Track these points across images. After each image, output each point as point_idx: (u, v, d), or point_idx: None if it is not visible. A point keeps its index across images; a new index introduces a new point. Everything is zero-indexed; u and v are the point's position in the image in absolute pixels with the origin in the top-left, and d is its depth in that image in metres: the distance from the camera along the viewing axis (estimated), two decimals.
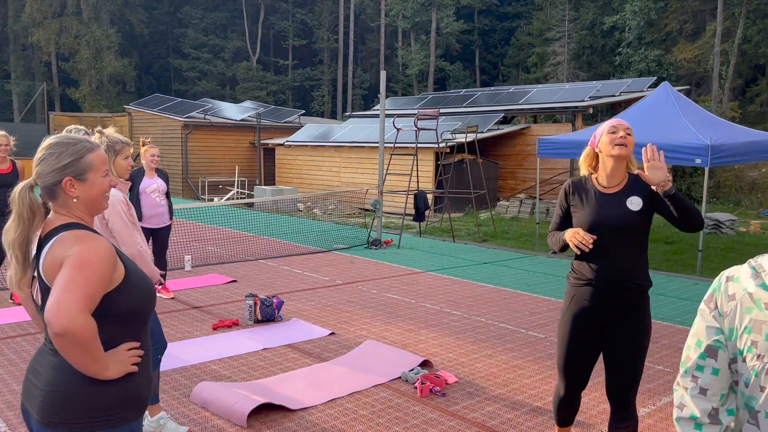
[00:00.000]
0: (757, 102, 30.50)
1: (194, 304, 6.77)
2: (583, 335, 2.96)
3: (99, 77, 39.84)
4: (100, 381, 1.82)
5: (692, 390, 1.42)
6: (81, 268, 1.75)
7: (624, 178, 2.95)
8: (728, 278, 1.42)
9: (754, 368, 1.34)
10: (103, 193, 1.95)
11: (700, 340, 1.42)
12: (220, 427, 3.86)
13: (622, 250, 2.84)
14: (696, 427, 1.40)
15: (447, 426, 3.93)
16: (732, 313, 1.38)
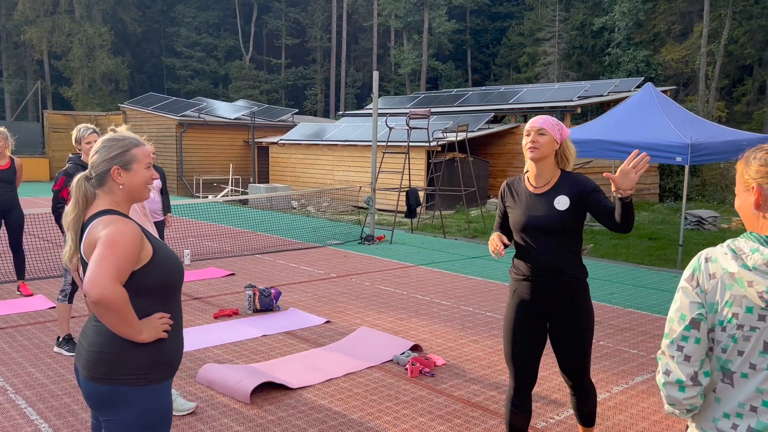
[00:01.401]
0: (743, 102, 31.01)
1: (195, 295, 7.07)
2: (526, 327, 3.04)
3: (92, 76, 39.92)
4: (135, 344, 2.13)
5: (678, 357, 1.67)
6: (110, 246, 2.06)
7: (553, 177, 3.01)
8: (707, 259, 1.68)
9: (734, 336, 1.61)
10: (144, 183, 2.26)
11: (683, 314, 1.67)
12: (225, 403, 4.17)
13: (552, 248, 2.94)
14: (680, 389, 1.67)
15: (435, 402, 4.26)
16: (713, 289, 1.64)
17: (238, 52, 48.39)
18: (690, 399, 1.67)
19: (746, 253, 1.59)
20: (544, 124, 2.95)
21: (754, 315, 1.58)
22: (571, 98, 19.08)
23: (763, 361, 1.58)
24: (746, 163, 1.70)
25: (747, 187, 1.68)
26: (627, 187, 2.63)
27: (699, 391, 1.66)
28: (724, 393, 1.65)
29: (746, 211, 1.69)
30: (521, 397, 3.09)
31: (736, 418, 1.63)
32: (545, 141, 2.93)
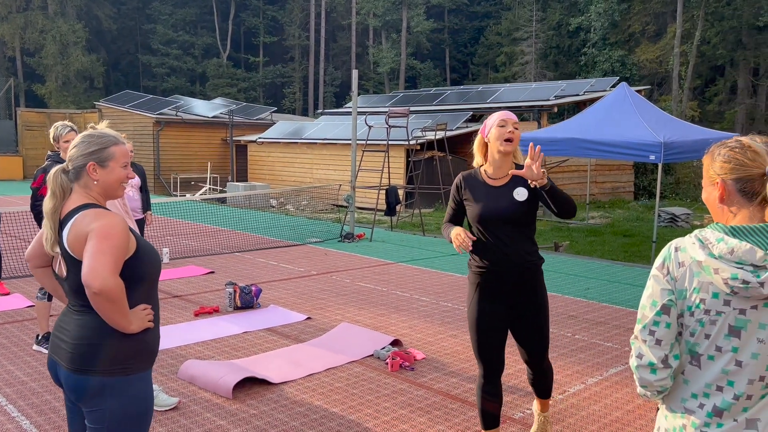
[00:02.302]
0: (715, 102, 31.64)
1: (175, 293, 7.06)
2: (491, 316, 3.13)
3: (66, 73, 39.34)
4: (119, 335, 2.17)
5: (650, 342, 1.76)
6: (105, 238, 2.10)
7: (511, 170, 3.11)
8: (677, 248, 1.77)
9: (701, 320, 1.70)
10: (119, 181, 2.30)
11: (655, 300, 1.76)
12: (207, 398, 4.20)
13: (513, 238, 3.06)
14: (652, 371, 1.76)
15: (415, 394, 4.34)
16: (682, 277, 1.73)
17: (216, 50, 48.03)
18: (661, 381, 1.76)
19: (712, 242, 1.68)
20: (515, 119, 3.09)
21: (719, 300, 1.67)
22: (547, 97, 19.32)
23: (728, 344, 1.67)
24: (711, 159, 1.78)
25: (712, 182, 1.77)
26: (536, 178, 2.84)
27: (669, 373, 1.75)
28: (692, 374, 1.75)
29: (712, 204, 1.78)
30: (491, 383, 3.19)
31: (702, 397, 1.72)
32: (518, 135, 3.08)
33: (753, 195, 1.70)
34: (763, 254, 1.61)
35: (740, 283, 1.61)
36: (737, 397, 1.67)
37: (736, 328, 1.66)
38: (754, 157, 1.73)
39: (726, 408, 1.69)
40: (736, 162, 1.72)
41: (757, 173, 1.70)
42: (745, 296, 1.63)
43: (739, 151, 1.75)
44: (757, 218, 1.71)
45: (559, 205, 2.95)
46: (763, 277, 1.59)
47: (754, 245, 1.63)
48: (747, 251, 1.62)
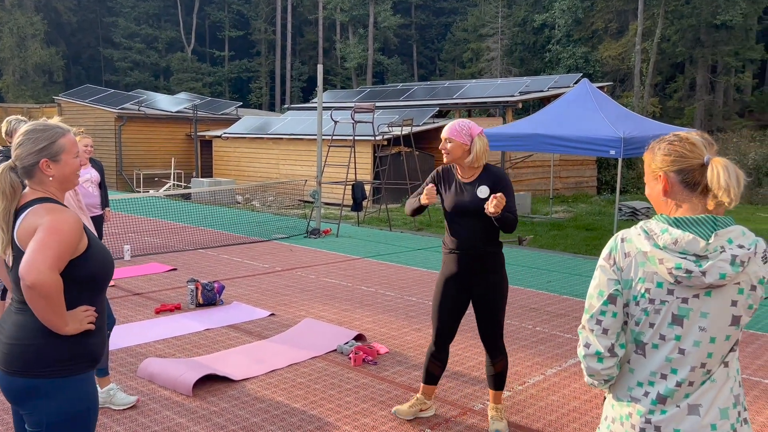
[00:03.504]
0: (675, 98, 32.38)
1: (135, 291, 6.95)
2: (451, 292, 3.61)
3: (23, 66, 38.28)
4: (57, 336, 2.11)
5: (597, 331, 1.80)
6: (52, 233, 2.05)
7: (477, 170, 3.54)
8: (623, 239, 1.82)
9: (646, 309, 1.75)
10: (74, 171, 2.25)
11: (602, 290, 1.80)
12: (167, 396, 4.15)
13: (474, 227, 3.48)
14: (599, 360, 1.80)
15: (377, 389, 4.36)
16: (628, 267, 1.77)
17: (180, 44, 47.25)
18: (607, 369, 1.80)
19: (657, 233, 1.73)
20: (451, 134, 3.45)
21: (663, 290, 1.72)
22: (512, 93, 19.53)
23: (671, 332, 1.72)
24: (652, 154, 1.83)
25: (655, 177, 1.82)
26: (491, 214, 3.26)
27: (615, 362, 1.80)
28: (637, 363, 1.80)
29: (656, 198, 1.83)
30: (440, 349, 3.71)
31: (648, 386, 1.77)
32: (452, 147, 3.46)
33: (694, 185, 1.75)
34: (704, 244, 1.66)
35: (683, 273, 1.66)
36: (679, 383, 1.72)
37: (679, 317, 1.71)
38: (692, 149, 1.78)
39: (669, 395, 1.74)
40: (676, 154, 1.77)
41: (696, 164, 1.75)
42: (687, 285, 1.68)
43: (678, 143, 1.80)
44: (700, 209, 1.75)
45: (502, 226, 3.40)
46: (705, 266, 1.65)
47: (697, 236, 1.68)
48: (690, 241, 1.67)
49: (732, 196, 1.72)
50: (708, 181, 1.73)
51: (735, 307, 1.70)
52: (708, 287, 1.67)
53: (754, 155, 22.83)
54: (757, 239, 1.74)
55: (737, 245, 1.67)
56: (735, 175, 1.74)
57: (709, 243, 1.67)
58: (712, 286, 1.66)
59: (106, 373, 3.94)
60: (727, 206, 1.78)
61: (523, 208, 16.10)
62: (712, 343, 1.70)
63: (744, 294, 1.70)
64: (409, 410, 3.85)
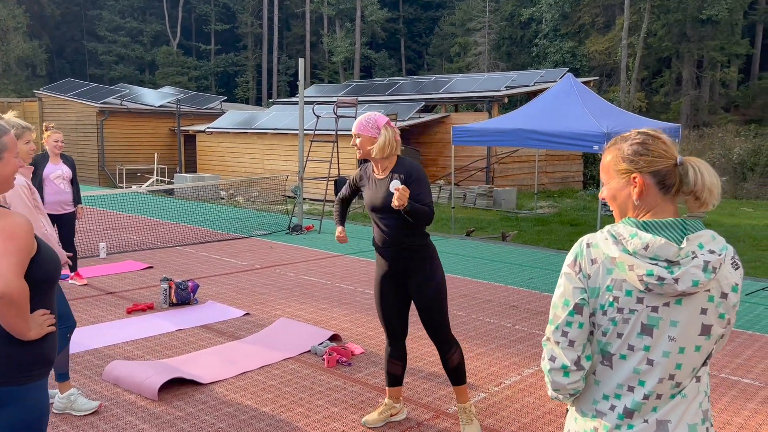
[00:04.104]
0: (661, 93, 32.46)
1: (108, 289, 6.80)
2: (387, 289, 3.58)
3: (5, 60, 37.71)
4: (18, 342, 2.04)
5: (563, 343, 1.68)
6: (10, 239, 1.95)
7: (390, 164, 3.46)
8: (588, 245, 1.69)
9: (614, 319, 1.63)
10: (14, 172, 2.14)
11: (567, 299, 1.68)
12: (131, 401, 4.02)
13: (392, 223, 3.43)
14: (565, 374, 1.68)
15: (349, 391, 4.25)
16: (595, 274, 1.65)
17: (165, 38, 46.77)
18: (574, 384, 1.69)
19: (626, 238, 1.62)
20: (359, 129, 3.41)
21: (633, 298, 1.61)
22: (498, 88, 19.44)
23: (640, 342, 1.62)
24: (620, 153, 1.69)
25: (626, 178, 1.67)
26: (398, 207, 3.20)
27: (582, 375, 1.69)
28: (603, 375, 1.69)
29: (624, 201, 1.69)
30: (395, 347, 3.66)
31: (614, 399, 1.67)
32: (362, 142, 3.42)
33: (669, 187, 1.64)
34: (677, 249, 1.56)
35: (656, 280, 1.56)
36: (647, 396, 1.63)
37: (648, 326, 1.61)
38: (666, 148, 1.66)
39: (636, 408, 1.64)
40: (654, 154, 1.65)
41: (671, 164, 1.65)
42: (658, 293, 1.58)
43: (652, 143, 1.67)
44: (669, 212, 1.66)
45: (415, 219, 3.31)
46: (678, 273, 1.55)
47: (668, 240, 1.59)
48: (662, 246, 1.56)
49: (716, 195, 1.64)
50: (690, 182, 1.63)
51: (705, 316, 1.60)
52: (679, 295, 1.58)
53: (738, 150, 22.93)
54: (727, 245, 1.64)
55: (708, 250, 1.58)
56: (715, 174, 1.65)
57: (681, 248, 1.57)
58: (684, 293, 1.57)
59: (66, 377, 3.81)
60: (708, 207, 1.68)
61: (509, 203, 16.05)
62: (681, 354, 1.61)
63: (714, 302, 1.60)
64: (379, 417, 3.75)
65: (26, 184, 3.63)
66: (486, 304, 6.49)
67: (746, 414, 3.99)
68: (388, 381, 3.74)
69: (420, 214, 3.29)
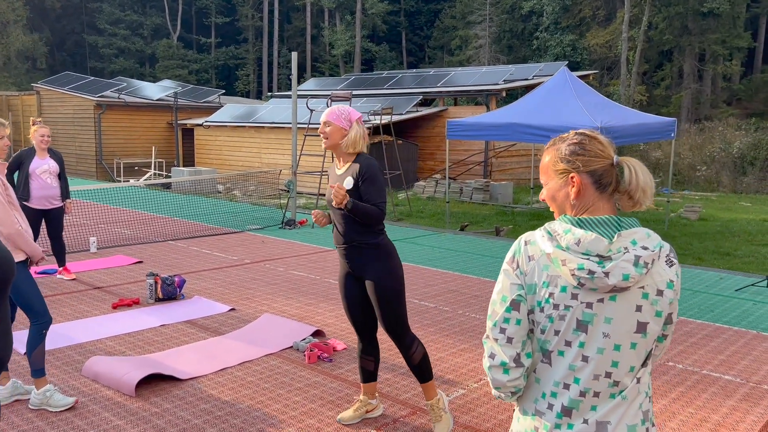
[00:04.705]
0: (662, 86, 32.32)
1: (96, 284, 6.80)
2: (350, 286, 3.59)
3: (5, 53, 37.68)
4: None
5: (501, 340, 1.68)
6: None
7: (350, 160, 3.44)
8: (526, 242, 1.70)
9: (551, 316, 1.64)
10: None
11: (505, 296, 1.69)
12: (109, 397, 4.03)
13: (344, 220, 3.42)
14: (504, 372, 1.68)
15: (329, 387, 4.25)
16: (531, 271, 1.66)
17: (166, 31, 46.66)
18: (514, 381, 1.69)
19: (560, 234, 1.63)
20: (330, 117, 3.37)
21: (567, 294, 1.62)
22: (497, 82, 19.37)
23: (575, 338, 1.62)
24: (558, 153, 1.71)
25: (564, 178, 1.69)
26: (337, 204, 3.23)
27: (522, 372, 1.69)
28: (543, 373, 1.69)
29: (562, 200, 1.71)
30: (366, 343, 3.67)
31: (551, 397, 1.67)
32: (331, 131, 3.38)
33: (605, 186, 1.67)
34: (607, 244, 1.58)
35: (586, 274, 1.57)
36: (583, 393, 1.63)
37: (583, 323, 1.62)
38: (602, 148, 1.70)
39: (574, 406, 1.64)
40: (590, 154, 1.68)
41: (608, 164, 1.67)
42: (591, 288, 1.59)
43: (588, 143, 1.70)
44: (607, 210, 1.67)
45: (359, 218, 3.33)
46: (608, 267, 1.56)
47: (600, 235, 1.59)
48: (592, 241, 1.58)
49: (649, 195, 1.67)
50: (626, 181, 1.66)
51: (640, 313, 1.61)
52: (612, 290, 1.58)
53: (738, 144, 22.83)
54: (663, 242, 1.64)
55: (641, 246, 1.59)
56: (648, 174, 1.69)
57: (611, 243, 1.58)
58: (616, 288, 1.57)
59: (42, 374, 3.81)
60: (642, 207, 1.69)
61: (505, 197, 16.01)
62: (616, 351, 1.61)
63: (649, 299, 1.61)
64: (354, 414, 3.74)
65: (0, 180, 3.62)
66: (473, 300, 6.47)
67: (724, 411, 3.98)
68: (362, 377, 3.75)
69: (365, 214, 3.28)
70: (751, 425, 3.79)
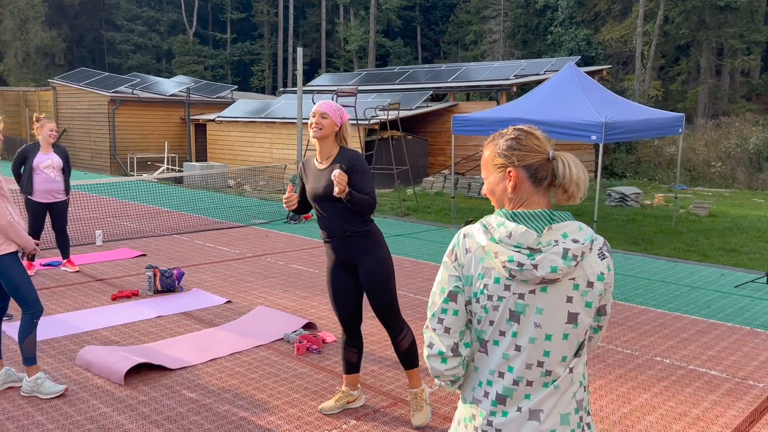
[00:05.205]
0: (678, 81, 31.92)
1: (98, 276, 6.94)
2: (338, 278, 3.65)
3: (25, 49, 38.22)
4: None
5: (439, 330, 1.74)
6: None
7: (333, 153, 3.53)
8: (465, 235, 1.76)
9: (486, 307, 1.69)
10: None
11: (443, 287, 1.75)
12: (98, 385, 4.13)
13: (336, 212, 3.50)
14: (442, 361, 1.74)
15: (315, 378, 4.32)
16: (468, 263, 1.72)
17: (182, 26, 47.01)
18: (452, 370, 1.74)
19: (494, 227, 1.69)
20: (327, 110, 3.46)
21: (500, 285, 1.67)
22: (507, 77, 19.29)
23: (509, 328, 1.68)
24: (496, 148, 1.76)
25: (501, 172, 1.74)
26: (338, 193, 3.30)
27: (460, 361, 1.74)
28: (481, 362, 1.75)
29: (500, 194, 1.76)
30: (350, 335, 3.74)
31: (486, 385, 1.72)
32: (327, 123, 3.46)
33: (541, 180, 1.71)
34: (536, 237, 1.63)
35: (516, 266, 1.62)
36: (516, 382, 1.68)
37: (516, 313, 1.67)
38: (538, 143, 1.74)
39: (508, 395, 1.69)
40: (526, 149, 1.73)
41: (543, 158, 1.72)
42: (522, 280, 1.64)
43: (524, 138, 1.75)
44: (542, 204, 1.72)
45: (356, 207, 3.42)
46: (537, 259, 1.61)
47: (530, 229, 1.63)
48: (522, 234, 1.63)
49: (583, 189, 1.72)
50: (560, 175, 1.71)
51: (570, 304, 1.66)
52: (541, 281, 1.63)
53: (755, 140, 22.51)
54: (596, 236, 1.69)
55: (572, 239, 1.64)
56: (582, 169, 1.73)
57: (540, 235, 1.63)
58: (545, 280, 1.62)
59: (34, 362, 3.92)
60: (576, 200, 1.74)
61: None
62: (548, 341, 1.66)
63: (579, 290, 1.66)
64: (335, 404, 3.81)
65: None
66: None
67: (705, 405, 3.98)
68: (345, 368, 3.81)
69: (361, 203, 3.39)
70: (730, 419, 3.79)
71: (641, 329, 5.49)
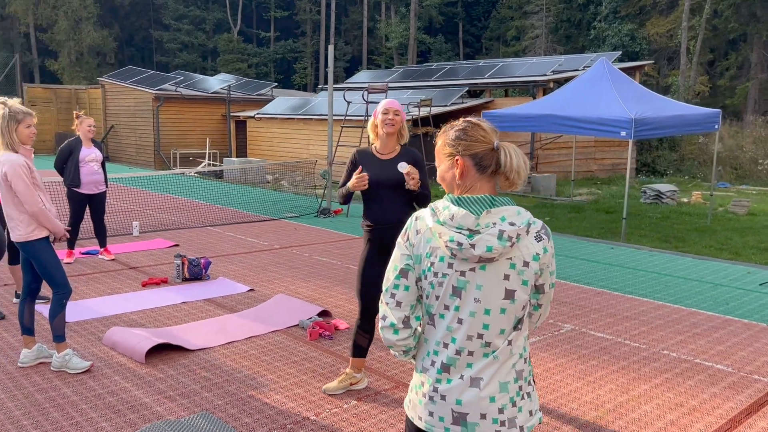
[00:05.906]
0: (726, 76, 30.99)
1: (132, 264, 7.31)
2: (375, 266, 3.80)
3: (78, 48, 39.75)
4: None
5: (391, 304, 1.94)
6: None
7: (396, 148, 3.85)
8: (417, 218, 1.95)
9: (432, 283, 1.88)
10: None
11: (396, 265, 1.94)
12: (121, 362, 4.43)
13: (394, 199, 3.78)
14: (394, 332, 1.93)
15: (323, 361, 4.52)
16: (418, 243, 1.90)
17: (227, 25, 48.05)
18: (403, 340, 1.93)
19: (440, 210, 1.87)
20: (400, 108, 3.79)
21: (444, 263, 1.84)
22: (544, 73, 19.14)
23: (452, 303, 1.85)
24: (446, 138, 1.93)
25: (451, 160, 1.91)
26: (411, 188, 3.63)
27: (410, 333, 1.93)
28: (429, 334, 1.93)
29: (450, 181, 1.93)
30: (365, 321, 3.90)
31: (433, 355, 1.90)
32: (399, 120, 3.80)
33: (485, 168, 1.87)
34: (474, 219, 1.79)
35: (456, 245, 1.78)
36: (458, 352, 1.84)
37: (458, 289, 1.83)
38: (484, 134, 1.90)
39: (451, 363, 1.85)
40: (472, 139, 1.89)
41: (488, 148, 1.87)
42: (462, 258, 1.80)
43: (471, 129, 1.91)
44: (486, 189, 1.88)
45: (421, 198, 3.77)
46: (475, 239, 1.77)
47: (470, 212, 1.79)
48: (463, 217, 1.80)
49: (523, 176, 1.87)
50: (501, 163, 1.86)
51: (508, 281, 1.81)
52: (479, 260, 1.79)
53: None
54: (534, 220, 1.83)
55: (509, 222, 1.79)
56: (523, 158, 1.87)
57: (479, 218, 1.78)
58: (483, 258, 1.78)
59: (62, 339, 4.24)
60: (516, 187, 1.89)
61: (548, 190, 15.88)
62: (486, 315, 1.82)
63: (516, 269, 1.81)
64: (339, 385, 4.00)
65: (25, 164, 4.05)
66: None
67: (704, 397, 4.02)
68: (353, 351, 3.98)
69: (423, 196, 3.76)
70: (727, 411, 3.83)
71: (653, 323, 5.51)
